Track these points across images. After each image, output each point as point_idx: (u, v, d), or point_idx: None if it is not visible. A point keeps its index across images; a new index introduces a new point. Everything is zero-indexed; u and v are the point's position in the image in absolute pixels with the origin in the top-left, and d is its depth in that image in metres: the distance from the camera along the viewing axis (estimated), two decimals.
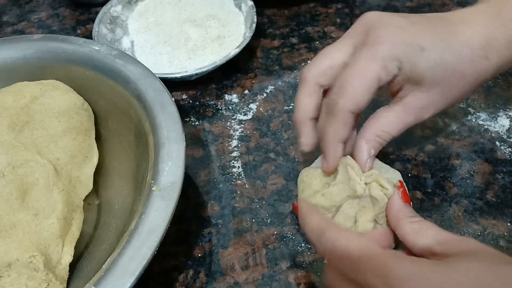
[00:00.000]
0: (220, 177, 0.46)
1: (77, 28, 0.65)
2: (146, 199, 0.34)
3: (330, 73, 0.35)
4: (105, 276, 0.30)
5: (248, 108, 0.52)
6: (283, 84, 0.54)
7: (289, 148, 0.47)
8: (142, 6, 0.62)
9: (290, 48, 0.58)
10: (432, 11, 0.60)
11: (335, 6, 0.62)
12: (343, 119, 0.34)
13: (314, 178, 0.39)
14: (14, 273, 0.33)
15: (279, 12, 0.63)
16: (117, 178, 0.43)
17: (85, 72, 0.44)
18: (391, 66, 0.33)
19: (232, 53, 0.52)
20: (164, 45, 0.57)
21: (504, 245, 0.39)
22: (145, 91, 0.40)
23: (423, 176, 0.43)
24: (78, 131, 0.42)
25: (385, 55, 0.32)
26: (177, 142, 0.37)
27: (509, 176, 0.43)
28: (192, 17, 0.60)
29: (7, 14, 0.68)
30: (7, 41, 0.47)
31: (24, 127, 0.41)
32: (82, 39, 0.46)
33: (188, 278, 0.39)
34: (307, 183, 0.39)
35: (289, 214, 0.42)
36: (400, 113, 0.35)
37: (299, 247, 0.40)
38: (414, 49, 0.32)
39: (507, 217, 0.40)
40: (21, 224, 0.36)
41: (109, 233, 0.40)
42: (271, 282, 0.38)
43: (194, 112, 0.52)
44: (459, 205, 0.41)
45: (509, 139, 0.46)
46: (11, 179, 0.37)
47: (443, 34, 0.33)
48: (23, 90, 0.43)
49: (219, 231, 0.42)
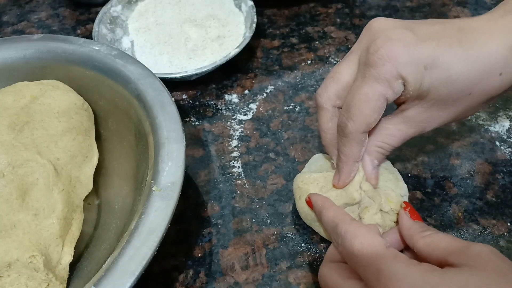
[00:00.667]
0: (220, 177, 0.46)
1: (77, 28, 0.65)
2: (146, 199, 0.34)
3: (344, 94, 0.35)
4: (105, 276, 0.30)
5: (248, 108, 0.52)
6: (283, 84, 0.54)
7: (289, 148, 0.47)
8: (142, 6, 0.62)
9: (290, 48, 0.58)
10: (432, 11, 0.60)
11: (335, 6, 0.62)
12: (355, 140, 0.34)
13: (309, 183, 0.39)
14: (14, 273, 0.33)
15: (279, 12, 0.63)
16: (117, 178, 0.43)
17: (85, 72, 0.44)
18: (397, 85, 0.32)
19: (232, 53, 0.52)
20: (164, 45, 0.57)
21: (504, 245, 0.39)
22: (145, 91, 0.40)
23: (423, 176, 0.43)
24: (78, 131, 0.42)
25: (389, 75, 0.31)
26: (177, 142, 0.37)
27: (509, 176, 0.43)
28: (192, 17, 0.60)
29: (7, 14, 0.68)
30: (7, 41, 0.47)
31: (24, 127, 0.41)
32: (82, 39, 0.46)
33: (188, 278, 0.39)
34: (303, 189, 0.39)
35: (289, 214, 0.42)
36: (401, 125, 0.35)
37: (299, 247, 0.40)
38: (418, 68, 0.31)
39: (507, 217, 0.40)
40: (21, 224, 0.36)
41: (109, 233, 0.40)
42: (271, 282, 0.38)
43: (194, 112, 0.52)
44: (459, 205, 0.41)
45: (509, 139, 0.46)
46: (11, 179, 0.37)
47: (455, 49, 0.31)
48: (23, 90, 0.43)
49: (219, 231, 0.42)
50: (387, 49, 0.31)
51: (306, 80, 0.54)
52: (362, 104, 0.33)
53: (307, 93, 0.52)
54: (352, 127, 0.34)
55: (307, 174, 0.40)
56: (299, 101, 0.51)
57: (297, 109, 0.51)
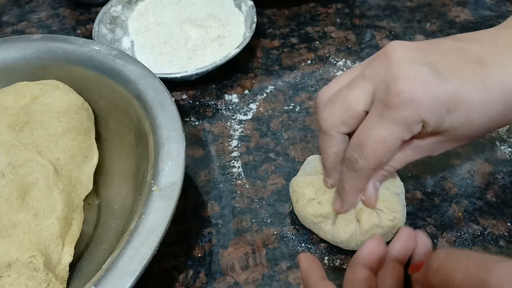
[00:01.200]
0: (220, 177, 0.46)
1: (77, 28, 0.65)
2: (146, 199, 0.34)
3: (352, 123, 0.33)
4: (105, 276, 0.30)
5: (248, 108, 0.52)
6: (283, 84, 0.54)
7: (289, 148, 0.47)
8: (142, 6, 0.62)
9: (290, 48, 0.58)
10: (432, 11, 0.60)
11: (335, 6, 0.62)
12: (364, 175, 0.34)
13: (305, 186, 0.39)
14: (14, 273, 0.33)
15: (279, 12, 0.63)
16: (117, 178, 0.43)
17: (85, 72, 0.44)
18: (415, 127, 0.31)
19: (232, 53, 0.52)
20: (164, 45, 0.57)
21: (504, 245, 0.39)
22: (145, 91, 0.40)
23: (423, 176, 0.43)
24: (78, 131, 0.42)
25: (411, 120, 0.30)
26: (177, 142, 0.37)
27: (509, 176, 0.43)
28: (192, 17, 0.60)
29: (7, 14, 0.68)
30: (7, 41, 0.47)
31: (24, 127, 0.41)
32: (82, 39, 0.46)
33: (188, 278, 0.39)
34: (299, 192, 0.39)
35: (289, 214, 0.42)
36: (409, 152, 0.34)
37: (299, 247, 0.40)
38: (441, 111, 0.30)
39: (507, 217, 0.40)
40: (21, 224, 0.36)
41: (109, 233, 0.40)
42: (271, 282, 0.38)
43: (194, 112, 0.52)
44: (459, 205, 0.41)
45: (509, 139, 0.46)
46: (11, 179, 0.37)
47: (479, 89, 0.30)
48: (23, 90, 0.43)
49: (219, 231, 0.42)
50: (410, 93, 0.29)
51: (306, 80, 0.54)
52: (377, 145, 0.31)
53: (307, 93, 0.52)
54: (363, 165, 0.33)
55: (303, 177, 0.40)
56: (299, 101, 0.51)
57: (297, 109, 0.51)
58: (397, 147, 0.32)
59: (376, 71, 0.32)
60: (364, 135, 0.32)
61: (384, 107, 0.30)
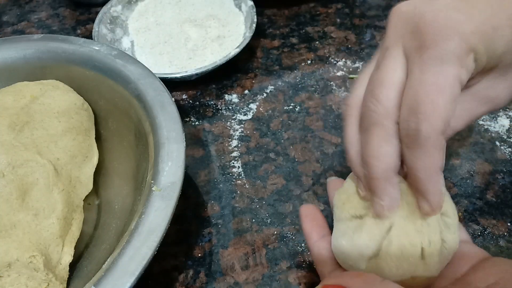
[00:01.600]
0: (220, 177, 0.46)
1: (77, 28, 0.65)
2: (146, 199, 0.34)
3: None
4: (105, 276, 0.30)
5: (248, 108, 0.52)
6: (283, 84, 0.54)
7: (289, 148, 0.47)
8: (142, 6, 0.62)
9: (290, 48, 0.58)
10: None
11: (335, 6, 0.62)
12: (435, 145, 0.26)
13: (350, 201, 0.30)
14: (14, 273, 0.33)
15: (279, 12, 0.63)
16: (117, 178, 0.43)
17: (85, 72, 0.44)
18: (469, 61, 0.25)
19: (232, 53, 0.52)
20: (164, 45, 0.57)
21: (504, 245, 0.39)
22: (145, 91, 0.40)
23: None
24: (78, 131, 0.42)
25: (458, 50, 0.25)
26: (177, 142, 0.37)
27: (509, 176, 0.43)
28: (192, 17, 0.60)
29: (7, 14, 0.68)
30: (7, 41, 0.47)
31: (24, 127, 0.41)
32: (82, 39, 0.46)
33: (188, 278, 0.39)
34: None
35: (289, 214, 0.42)
36: (469, 104, 0.28)
37: (299, 247, 0.40)
38: (486, 30, 0.25)
39: (507, 217, 0.40)
40: (21, 224, 0.36)
41: (109, 233, 0.40)
42: (271, 282, 0.38)
43: (194, 112, 0.52)
44: (459, 205, 0.41)
45: (509, 139, 0.46)
46: (11, 179, 0.37)
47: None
48: (23, 90, 0.43)
49: (219, 231, 0.42)
50: (446, 19, 0.24)
51: (306, 80, 0.54)
52: (434, 96, 0.25)
53: (307, 93, 0.52)
54: (428, 130, 0.25)
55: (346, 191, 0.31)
56: (299, 101, 0.51)
57: (297, 109, 0.51)
58: (458, 94, 0.26)
59: (396, 33, 0.27)
60: (413, 94, 0.26)
61: (424, 50, 0.25)
